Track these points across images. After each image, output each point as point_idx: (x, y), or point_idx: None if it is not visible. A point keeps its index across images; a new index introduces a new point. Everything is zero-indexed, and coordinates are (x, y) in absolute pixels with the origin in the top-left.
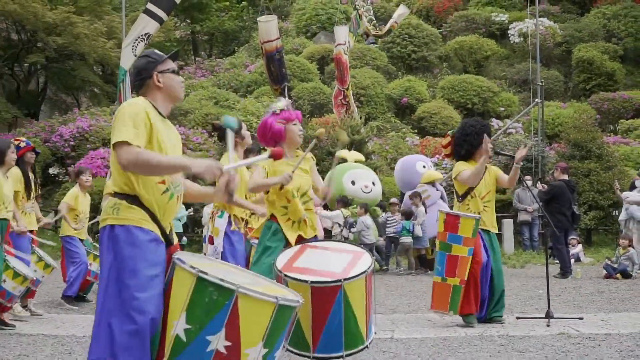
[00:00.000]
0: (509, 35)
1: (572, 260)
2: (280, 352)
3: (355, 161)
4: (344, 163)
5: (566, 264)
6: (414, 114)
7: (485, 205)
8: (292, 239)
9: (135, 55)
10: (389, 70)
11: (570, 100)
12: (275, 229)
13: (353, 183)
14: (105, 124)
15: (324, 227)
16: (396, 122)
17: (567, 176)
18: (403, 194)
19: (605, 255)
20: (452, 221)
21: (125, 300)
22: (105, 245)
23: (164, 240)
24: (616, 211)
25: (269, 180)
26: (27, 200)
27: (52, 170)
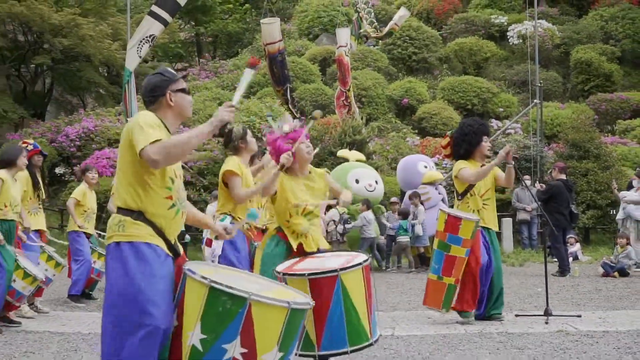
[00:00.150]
0: (508, 37)
1: (570, 259)
2: (294, 355)
3: (357, 160)
4: (346, 162)
5: (564, 263)
6: (415, 115)
7: (484, 203)
8: (295, 244)
9: (140, 56)
10: (390, 71)
11: (568, 101)
12: (278, 241)
13: (357, 182)
14: (110, 124)
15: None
16: (397, 123)
17: (565, 176)
18: (404, 193)
19: (604, 254)
20: (454, 222)
21: (137, 315)
22: (112, 262)
23: (170, 253)
24: (614, 210)
25: (270, 178)
26: (35, 202)
27: (58, 170)
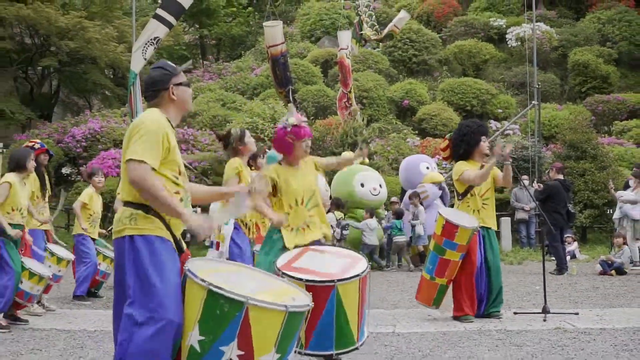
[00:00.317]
0: (507, 39)
1: (568, 257)
2: (292, 355)
3: (360, 162)
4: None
5: (562, 261)
6: (415, 116)
7: (484, 202)
8: (291, 245)
9: (145, 59)
10: (391, 73)
11: (566, 102)
12: (277, 237)
13: (362, 185)
14: (116, 125)
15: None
16: (397, 124)
17: (563, 176)
18: (404, 192)
19: (601, 254)
20: (450, 229)
21: (153, 308)
22: (126, 256)
23: (176, 248)
24: (610, 210)
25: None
26: (42, 200)
27: (65, 170)
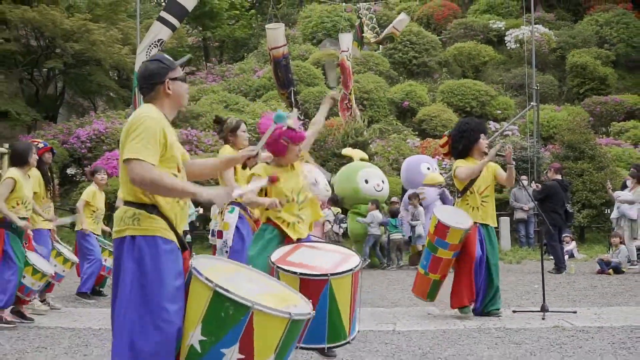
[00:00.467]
0: (506, 41)
1: (566, 257)
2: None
3: (361, 159)
4: (354, 162)
5: (560, 260)
6: (415, 117)
7: (483, 200)
8: (293, 236)
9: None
10: (391, 75)
11: (564, 103)
12: (271, 230)
13: (366, 182)
14: (120, 127)
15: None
16: (398, 125)
17: (561, 176)
18: (406, 192)
19: (599, 253)
20: (442, 229)
21: (154, 311)
22: (125, 256)
23: (180, 247)
24: (608, 209)
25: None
26: (47, 200)
27: (70, 171)
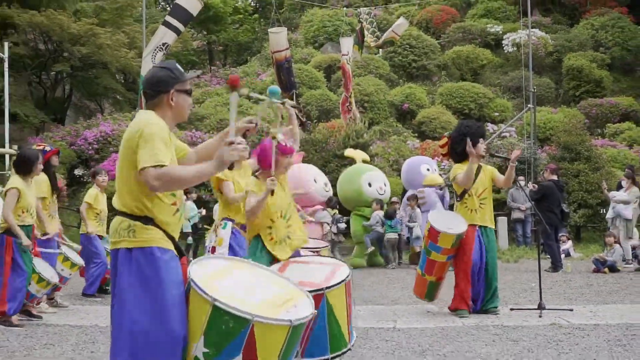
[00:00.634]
0: (503, 45)
1: (563, 256)
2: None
3: (363, 160)
4: (357, 165)
5: (557, 259)
6: (415, 119)
7: (481, 202)
8: (281, 256)
9: (155, 64)
10: (391, 78)
11: (560, 105)
12: (261, 254)
13: (370, 185)
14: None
15: (321, 223)
16: (398, 127)
17: (557, 177)
18: (406, 192)
19: (595, 252)
20: (434, 233)
21: (155, 321)
22: (121, 269)
23: (177, 254)
24: (604, 209)
25: (259, 197)
26: (54, 205)
27: (77, 172)
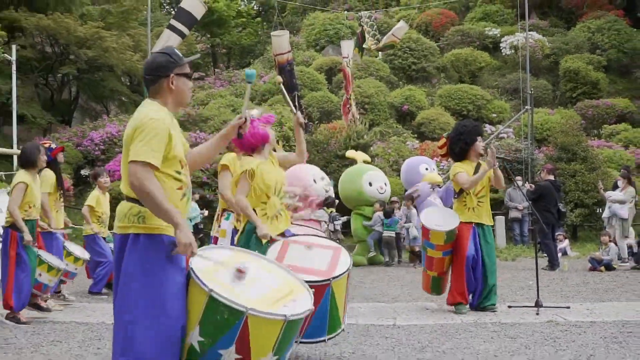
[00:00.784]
0: (501, 47)
1: (560, 254)
2: (289, 353)
3: (364, 161)
4: (357, 165)
5: (554, 258)
6: (414, 120)
7: (479, 200)
8: (273, 234)
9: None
10: (391, 80)
11: (557, 107)
12: (250, 227)
13: (370, 184)
14: None
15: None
16: (398, 128)
17: (553, 177)
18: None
19: (591, 251)
20: (425, 231)
21: (158, 308)
22: (128, 254)
23: None
24: (600, 209)
25: (249, 208)
26: (59, 201)
27: (84, 172)
